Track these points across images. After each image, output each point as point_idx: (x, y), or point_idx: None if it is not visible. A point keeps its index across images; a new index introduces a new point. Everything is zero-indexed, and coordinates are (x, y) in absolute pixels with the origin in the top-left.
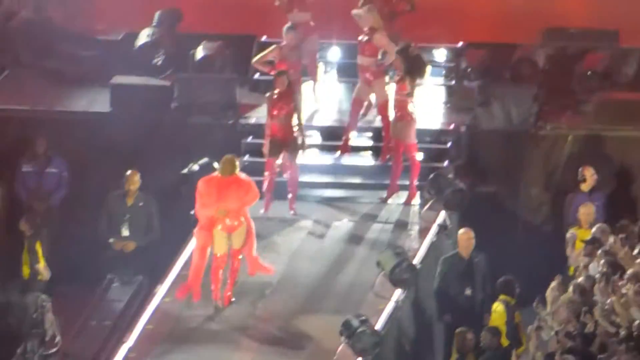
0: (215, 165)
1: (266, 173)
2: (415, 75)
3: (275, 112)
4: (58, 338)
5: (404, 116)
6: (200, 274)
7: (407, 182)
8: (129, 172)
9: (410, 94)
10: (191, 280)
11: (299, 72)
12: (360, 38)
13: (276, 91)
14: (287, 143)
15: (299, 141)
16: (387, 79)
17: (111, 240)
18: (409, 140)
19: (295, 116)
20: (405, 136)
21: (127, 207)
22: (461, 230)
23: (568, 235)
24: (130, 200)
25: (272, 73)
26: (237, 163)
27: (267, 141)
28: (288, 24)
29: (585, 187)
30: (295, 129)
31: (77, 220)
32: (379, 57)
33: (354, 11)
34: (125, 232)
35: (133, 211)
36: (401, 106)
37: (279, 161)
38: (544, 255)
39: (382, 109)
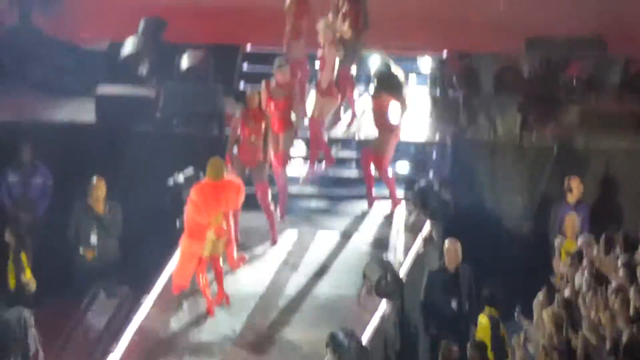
0: (201, 174)
1: None
2: (392, 91)
3: (245, 133)
4: (41, 353)
5: (385, 130)
6: (189, 278)
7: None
8: (94, 179)
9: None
10: (181, 283)
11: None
12: (320, 54)
13: (247, 110)
14: (252, 167)
15: (265, 166)
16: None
17: (81, 249)
18: (382, 154)
19: (262, 140)
20: (379, 150)
21: (96, 215)
22: (448, 242)
23: (554, 245)
24: (99, 208)
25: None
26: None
27: (233, 159)
28: (280, 61)
29: (571, 198)
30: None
31: (62, 230)
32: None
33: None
34: (94, 240)
35: (101, 219)
36: (382, 120)
37: None
38: (528, 266)
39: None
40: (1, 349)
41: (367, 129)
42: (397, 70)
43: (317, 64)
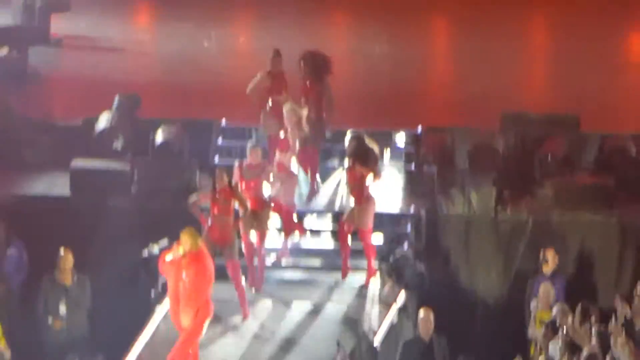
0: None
1: None
2: (365, 162)
3: (215, 211)
4: None
5: (361, 202)
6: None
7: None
8: (62, 251)
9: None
10: None
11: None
12: (282, 135)
13: (217, 188)
14: (223, 246)
15: (235, 244)
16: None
17: (50, 321)
18: (364, 226)
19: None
20: (360, 222)
21: (64, 286)
22: (421, 312)
23: (530, 311)
24: (67, 280)
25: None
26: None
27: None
28: (252, 142)
29: (546, 268)
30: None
31: (36, 302)
32: None
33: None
34: (64, 311)
35: (70, 290)
36: (357, 192)
37: None
38: (503, 338)
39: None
40: None
41: (342, 202)
42: (370, 142)
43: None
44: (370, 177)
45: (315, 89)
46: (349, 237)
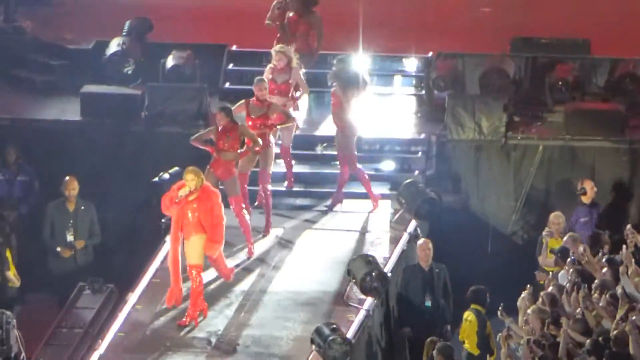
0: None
1: None
2: (349, 89)
3: (220, 146)
4: (23, 355)
5: (343, 129)
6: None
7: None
8: (67, 178)
9: (347, 106)
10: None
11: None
12: (271, 77)
13: (220, 127)
14: (226, 181)
15: (237, 181)
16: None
17: (58, 249)
18: (347, 151)
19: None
20: (343, 148)
21: (70, 213)
22: (420, 241)
23: (539, 242)
24: (72, 206)
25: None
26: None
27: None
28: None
29: (586, 199)
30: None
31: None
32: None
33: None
34: (70, 238)
35: (75, 216)
36: (338, 118)
37: None
38: (514, 264)
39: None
40: None
41: None
42: (357, 67)
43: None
44: (350, 102)
45: (303, 22)
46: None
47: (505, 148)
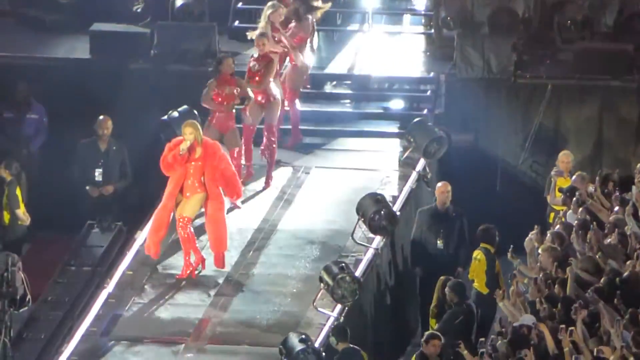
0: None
1: None
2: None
3: (218, 99)
4: (28, 297)
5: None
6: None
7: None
8: (101, 117)
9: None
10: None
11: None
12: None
13: (219, 76)
14: (226, 133)
15: (237, 135)
16: None
17: (87, 187)
18: (291, 85)
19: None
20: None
21: (101, 153)
22: (439, 184)
23: (548, 181)
24: (104, 146)
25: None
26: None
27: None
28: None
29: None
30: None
31: (56, 166)
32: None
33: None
34: (99, 178)
35: (106, 157)
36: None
37: None
38: (523, 203)
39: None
40: None
41: (363, 65)
42: None
43: None
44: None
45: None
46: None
47: (514, 87)
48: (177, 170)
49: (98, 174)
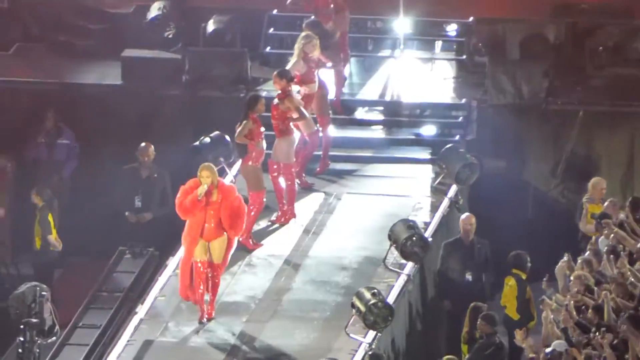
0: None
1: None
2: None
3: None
4: (57, 328)
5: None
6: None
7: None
8: (143, 144)
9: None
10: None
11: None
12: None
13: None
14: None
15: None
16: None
17: (126, 213)
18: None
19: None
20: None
21: (142, 180)
22: (463, 215)
23: (584, 200)
24: (145, 173)
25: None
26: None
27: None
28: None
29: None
30: None
31: (88, 191)
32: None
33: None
34: (139, 204)
35: (147, 183)
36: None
37: None
38: (554, 229)
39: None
40: (17, 323)
41: (394, 91)
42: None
43: None
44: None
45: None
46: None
47: (545, 113)
48: (195, 214)
49: (137, 200)
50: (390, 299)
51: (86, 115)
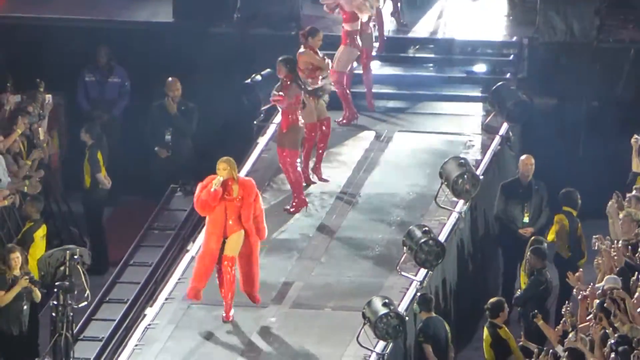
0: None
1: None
2: None
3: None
4: (87, 292)
5: None
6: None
7: None
8: (170, 79)
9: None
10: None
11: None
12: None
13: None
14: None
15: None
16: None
17: (156, 148)
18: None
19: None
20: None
21: (171, 115)
22: (522, 156)
23: (632, 141)
24: (173, 108)
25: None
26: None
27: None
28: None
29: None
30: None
31: (139, 129)
32: None
33: None
34: (169, 139)
35: (176, 117)
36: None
37: None
38: (605, 167)
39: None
40: (44, 286)
41: (446, 29)
42: None
43: None
44: None
45: None
46: None
47: (597, 51)
48: (213, 209)
49: (168, 134)
50: (442, 237)
51: (137, 53)
